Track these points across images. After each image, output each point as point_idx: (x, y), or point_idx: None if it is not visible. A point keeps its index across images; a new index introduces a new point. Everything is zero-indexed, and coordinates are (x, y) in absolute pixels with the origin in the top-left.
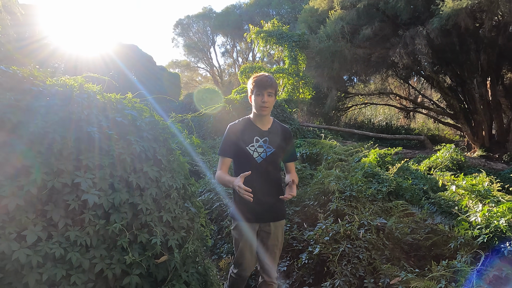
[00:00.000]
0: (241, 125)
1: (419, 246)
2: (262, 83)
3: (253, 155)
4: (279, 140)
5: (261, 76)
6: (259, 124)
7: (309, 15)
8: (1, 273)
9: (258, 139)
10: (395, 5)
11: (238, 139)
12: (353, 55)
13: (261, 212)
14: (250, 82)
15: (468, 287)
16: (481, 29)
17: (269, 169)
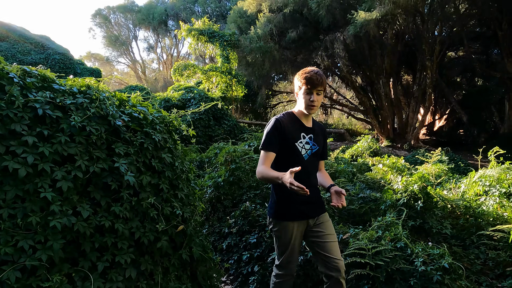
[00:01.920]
0: (287, 120)
1: (355, 214)
2: (313, 81)
3: (301, 152)
4: (321, 137)
5: (311, 73)
6: (304, 120)
7: (238, 16)
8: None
9: (305, 135)
10: (316, 12)
11: (286, 134)
12: (281, 55)
13: (308, 209)
14: (298, 79)
15: (396, 233)
16: (384, 37)
17: (314, 167)
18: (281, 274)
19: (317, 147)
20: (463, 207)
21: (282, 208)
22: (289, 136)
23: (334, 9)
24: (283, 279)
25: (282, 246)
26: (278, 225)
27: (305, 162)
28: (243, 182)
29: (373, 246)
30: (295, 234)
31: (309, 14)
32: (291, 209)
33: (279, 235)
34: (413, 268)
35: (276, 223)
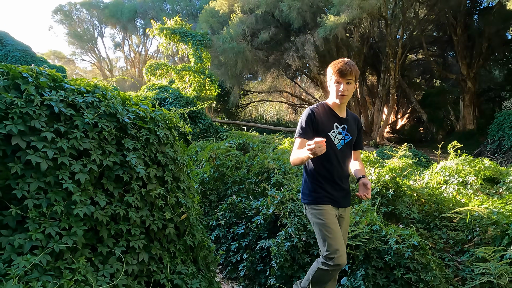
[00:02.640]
0: (321, 110)
1: None
2: (342, 71)
3: (334, 141)
4: (354, 128)
5: (341, 63)
6: (337, 111)
7: (210, 16)
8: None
9: (337, 125)
10: (288, 14)
11: (320, 123)
12: (253, 56)
13: (340, 197)
14: (330, 70)
15: (371, 218)
16: (351, 39)
17: (346, 156)
18: (331, 265)
19: (349, 137)
20: (427, 195)
21: (319, 194)
22: (322, 126)
23: (304, 12)
24: (332, 269)
25: (325, 229)
26: (318, 209)
27: (338, 152)
28: (227, 178)
29: (352, 229)
30: (334, 217)
31: (280, 16)
32: (326, 195)
33: (320, 220)
34: (388, 247)
35: (314, 209)
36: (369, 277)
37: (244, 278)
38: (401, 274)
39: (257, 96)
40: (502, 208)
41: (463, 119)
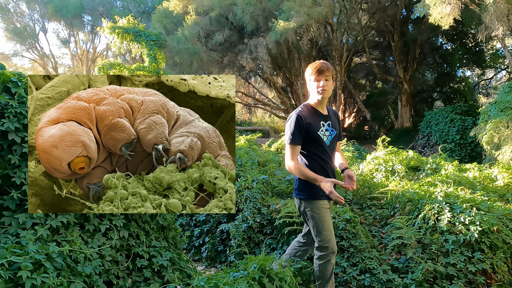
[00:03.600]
0: (305, 112)
1: (284, 192)
2: (320, 68)
3: (324, 139)
4: (336, 122)
5: (318, 63)
6: (320, 109)
7: (163, 16)
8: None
9: (323, 123)
10: (241, 18)
11: (308, 125)
12: (208, 57)
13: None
14: (308, 71)
15: None
16: (301, 42)
17: (334, 150)
18: (325, 255)
19: (335, 132)
20: (362, 181)
21: (314, 190)
22: (311, 128)
23: (257, 16)
24: (328, 259)
25: (319, 223)
26: (312, 204)
27: (328, 148)
28: None
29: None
30: (326, 210)
31: (234, 19)
32: (320, 190)
33: (314, 214)
34: None
35: (309, 203)
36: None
37: (207, 258)
38: (336, 242)
39: None
40: (417, 188)
41: (401, 118)
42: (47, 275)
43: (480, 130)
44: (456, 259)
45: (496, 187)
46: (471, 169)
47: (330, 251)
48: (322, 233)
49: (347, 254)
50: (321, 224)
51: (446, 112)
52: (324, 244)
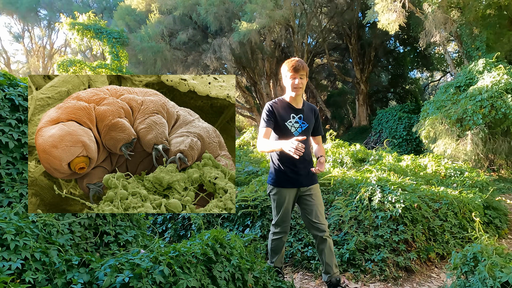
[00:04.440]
0: (277, 104)
1: (243, 182)
2: (295, 67)
3: (291, 129)
4: (310, 116)
5: (294, 61)
6: (293, 103)
7: (126, 14)
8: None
9: (294, 116)
10: (205, 18)
11: (278, 115)
12: (172, 55)
13: (300, 178)
14: (285, 67)
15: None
16: (264, 43)
17: (303, 142)
18: (277, 232)
19: (306, 125)
20: None
21: (279, 177)
22: (280, 117)
23: (220, 17)
24: (279, 236)
25: (277, 208)
26: (275, 190)
27: None
28: None
29: (253, 195)
30: (288, 198)
31: (198, 19)
32: (285, 178)
33: (275, 199)
34: None
35: (273, 189)
36: (264, 226)
37: (170, 243)
38: None
39: None
40: (357, 175)
41: (358, 116)
42: (28, 239)
43: (421, 126)
44: (383, 232)
45: (426, 173)
46: (405, 159)
47: (282, 230)
48: (278, 215)
49: (294, 231)
50: (279, 208)
51: (395, 110)
52: (278, 223)
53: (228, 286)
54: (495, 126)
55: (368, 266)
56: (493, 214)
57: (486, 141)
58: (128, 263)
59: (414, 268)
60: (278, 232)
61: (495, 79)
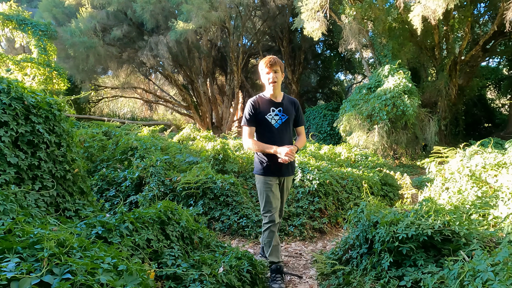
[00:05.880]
0: (257, 100)
1: (184, 170)
2: (270, 62)
3: (271, 122)
4: (290, 109)
5: (268, 58)
6: (272, 97)
7: (53, 5)
8: (14, 170)
9: (274, 109)
10: (141, 15)
11: (258, 110)
12: (106, 51)
13: (282, 168)
14: (261, 64)
15: (207, 172)
16: (200, 42)
17: (285, 133)
18: (266, 223)
19: (286, 117)
20: (246, 158)
21: (263, 168)
22: (260, 111)
23: (157, 15)
24: (268, 226)
25: (262, 196)
26: (260, 179)
27: (276, 130)
28: (95, 157)
29: (195, 179)
30: (271, 186)
31: (133, 16)
32: (269, 169)
33: (260, 187)
34: (216, 185)
35: (258, 178)
36: (205, 204)
37: None
38: (224, 199)
39: (110, 92)
40: None
41: None
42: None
43: (339, 121)
44: (303, 203)
45: (340, 159)
46: (324, 148)
47: (268, 220)
48: (263, 205)
49: (231, 206)
50: (263, 197)
51: (321, 108)
52: (263, 213)
53: (178, 242)
54: (396, 121)
55: (291, 229)
56: (388, 189)
57: (390, 133)
58: (99, 222)
59: (326, 230)
60: (267, 222)
61: (396, 82)
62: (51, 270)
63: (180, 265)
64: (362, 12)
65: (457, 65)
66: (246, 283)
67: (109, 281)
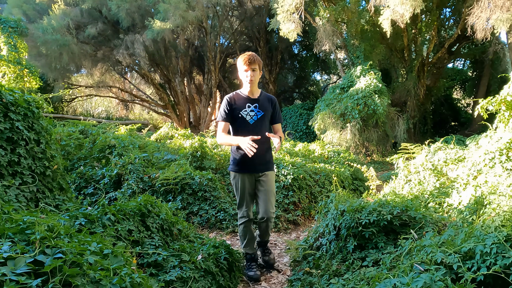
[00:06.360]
0: (234, 96)
1: (163, 167)
2: (248, 60)
3: (246, 118)
4: (267, 105)
5: (247, 55)
6: (249, 94)
7: (23, 1)
8: None
9: (250, 105)
10: (116, 13)
11: (233, 106)
12: (80, 50)
13: (255, 164)
14: (240, 61)
15: (185, 169)
16: (178, 41)
17: (261, 129)
18: (241, 217)
19: (261, 113)
20: (223, 156)
21: (237, 164)
22: (236, 108)
23: (133, 13)
24: (242, 221)
25: (237, 192)
26: (234, 176)
27: (251, 126)
28: (72, 155)
29: (173, 175)
30: (245, 183)
31: (108, 14)
32: (242, 165)
33: (235, 183)
34: (194, 181)
35: (232, 175)
36: (184, 199)
37: None
38: (202, 194)
39: (84, 91)
40: None
41: None
42: None
43: (314, 120)
44: (278, 197)
45: (314, 156)
46: (299, 145)
47: (241, 215)
48: (239, 198)
49: (209, 201)
50: (238, 191)
51: (297, 108)
52: (238, 209)
53: (158, 233)
54: (368, 119)
55: None
56: (358, 183)
57: (362, 131)
58: (81, 214)
59: (300, 222)
60: (241, 217)
61: (368, 82)
62: (43, 251)
63: (160, 254)
64: (336, 14)
65: (425, 67)
66: (223, 269)
67: (97, 260)
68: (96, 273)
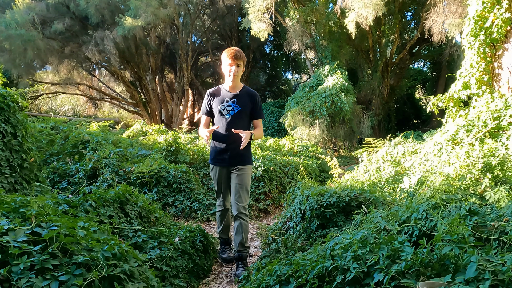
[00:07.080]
0: (215, 90)
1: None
2: (233, 55)
3: (223, 112)
4: (246, 101)
5: (233, 50)
6: (230, 89)
7: None
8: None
9: (228, 100)
10: (85, 9)
11: (213, 100)
12: (46, 45)
13: (229, 158)
14: (224, 56)
15: (160, 162)
16: (149, 38)
17: (237, 124)
18: (218, 205)
19: (239, 108)
20: (197, 150)
21: (213, 157)
22: (215, 102)
23: (102, 9)
24: (219, 209)
25: (214, 183)
26: (212, 168)
27: (228, 121)
28: (44, 151)
29: (148, 168)
30: (220, 175)
31: (76, 9)
32: (217, 157)
33: (212, 175)
34: (169, 174)
35: (211, 167)
36: (159, 191)
37: None
38: (177, 186)
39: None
40: None
41: None
42: None
43: (285, 117)
44: (250, 187)
45: (284, 150)
46: (270, 141)
47: (218, 204)
48: (217, 191)
49: (184, 192)
50: (214, 182)
51: (269, 106)
52: (217, 196)
53: (137, 219)
54: (335, 116)
55: None
56: (325, 175)
57: (329, 127)
58: (64, 200)
59: (270, 210)
60: (218, 206)
61: (335, 81)
62: (39, 225)
63: (140, 236)
64: (305, 15)
65: (389, 67)
66: (199, 250)
67: (87, 233)
68: (89, 242)
